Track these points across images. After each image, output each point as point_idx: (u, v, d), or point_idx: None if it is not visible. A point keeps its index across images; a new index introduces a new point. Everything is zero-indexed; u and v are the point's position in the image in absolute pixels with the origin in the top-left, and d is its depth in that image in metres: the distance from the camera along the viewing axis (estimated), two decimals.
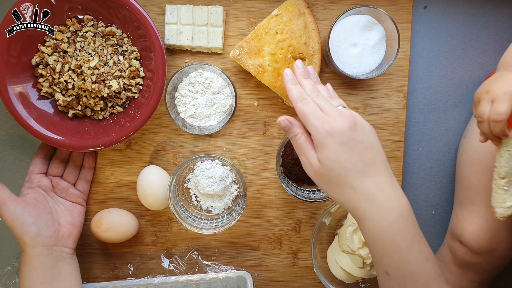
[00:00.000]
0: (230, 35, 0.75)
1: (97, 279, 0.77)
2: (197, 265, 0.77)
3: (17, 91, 0.67)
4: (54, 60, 0.68)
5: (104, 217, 0.72)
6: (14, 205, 0.65)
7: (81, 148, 0.68)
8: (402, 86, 0.76)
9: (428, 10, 0.78)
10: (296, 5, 0.71)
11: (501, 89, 0.55)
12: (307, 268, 0.78)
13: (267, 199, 0.77)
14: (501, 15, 0.78)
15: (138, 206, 0.76)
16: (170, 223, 0.77)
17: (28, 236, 0.64)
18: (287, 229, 0.78)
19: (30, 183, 0.71)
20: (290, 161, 0.72)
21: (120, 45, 0.71)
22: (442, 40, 0.79)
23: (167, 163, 0.76)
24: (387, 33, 0.71)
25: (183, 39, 0.73)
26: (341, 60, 0.71)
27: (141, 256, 0.77)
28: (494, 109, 0.55)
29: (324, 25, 0.75)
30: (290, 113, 0.76)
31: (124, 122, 0.71)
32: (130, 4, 0.66)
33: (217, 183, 0.71)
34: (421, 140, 0.80)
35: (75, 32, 0.70)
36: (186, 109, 0.72)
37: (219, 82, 0.72)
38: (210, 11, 0.72)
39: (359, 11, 0.70)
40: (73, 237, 0.70)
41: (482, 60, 0.79)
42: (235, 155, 0.77)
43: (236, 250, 0.78)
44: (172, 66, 0.75)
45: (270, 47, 0.70)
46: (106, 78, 0.68)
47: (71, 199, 0.73)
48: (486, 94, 0.57)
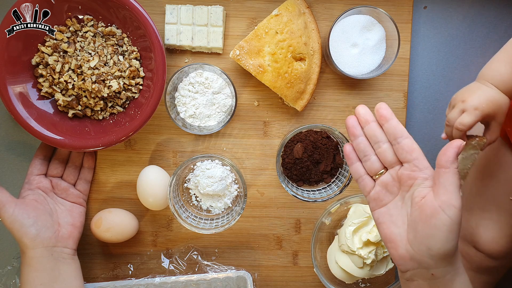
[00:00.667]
0: (230, 35, 0.75)
1: (97, 279, 0.77)
2: (197, 265, 0.77)
3: (17, 91, 0.67)
4: (54, 60, 0.68)
5: (104, 217, 0.72)
6: (12, 207, 0.65)
7: (81, 148, 0.68)
8: (402, 86, 0.76)
9: (428, 10, 0.78)
10: (296, 5, 0.71)
11: (473, 102, 0.60)
12: (307, 268, 0.78)
13: (267, 199, 0.77)
14: (501, 15, 0.78)
15: (138, 206, 0.76)
16: (170, 223, 0.77)
17: (27, 237, 0.64)
18: (287, 229, 0.78)
19: (29, 184, 0.71)
20: (290, 161, 0.72)
21: (120, 45, 0.71)
22: (442, 40, 0.79)
23: (167, 163, 0.76)
24: (387, 33, 0.71)
25: (183, 39, 0.73)
26: (341, 60, 0.71)
27: (141, 256, 0.77)
28: (461, 119, 0.60)
29: (324, 25, 0.75)
30: (290, 113, 0.76)
31: (124, 122, 0.71)
32: (130, 4, 0.66)
33: (217, 183, 0.71)
34: (421, 140, 0.80)
35: (75, 32, 0.70)
36: (186, 109, 0.72)
37: (219, 82, 0.72)
38: (210, 11, 0.72)
39: (359, 11, 0.70)
40: (73, 237, 0.70)
41: (482, 60, 0.79)
42: (235, 155, 0.77)
43: (236, 250, 0.78)
44: (172, 66, 0.75)
45: (270, 47, 0.70)
46: (106, 78, 0.68)
47: (71, 200, 0.73)
48: (461, 103, 0.61)
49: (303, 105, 0.73)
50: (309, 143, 0.71)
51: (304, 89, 0.72)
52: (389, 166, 0.54)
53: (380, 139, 0.54)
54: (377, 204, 0.55)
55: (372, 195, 0.55)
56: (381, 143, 0.54)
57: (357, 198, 0.74)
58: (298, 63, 0.71)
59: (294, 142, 0.72)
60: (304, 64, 0.71)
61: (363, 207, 0.73)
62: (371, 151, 0.55)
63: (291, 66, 0.71)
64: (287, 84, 0.71)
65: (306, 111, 0.76)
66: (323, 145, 0.72)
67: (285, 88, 0.71)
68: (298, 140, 0.72)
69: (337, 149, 0.73)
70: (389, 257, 0.73)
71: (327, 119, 0.77)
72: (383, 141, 0.54)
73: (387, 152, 0.54)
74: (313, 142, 0.71)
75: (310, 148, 0.71)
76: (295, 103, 0.73)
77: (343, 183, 0.70)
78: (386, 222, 0.53)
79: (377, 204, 0.55)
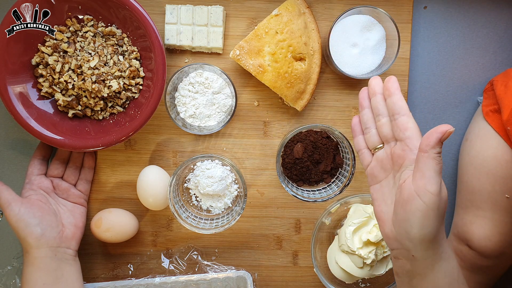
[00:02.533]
0: (230, 35, 0.75)
1: (97, 279, 0.77)
2: (197, 265, 0.77)
3: (17, 91, 0.67)
4: (54, 60, 0.68)
5: (104, 217, 0.72)
6: (19, 206, 0.65)
7: (81, 148, 0.68)
8: (402, 86, 0.76)
9: (428, 10, 0.78)
10: (296, 5, 0.71)
11: None
12: (307, 268, 0.78)
13: (267, 199, 0.77)
14: (501, 15, 0.78)
15: (138, 206, 0.76)
16: (170, 223, 0.77)
17: (32, 237, 0.64)
18: (287, 229, 0.78)
19: (30, 184, 0.71)
20: (290, 161, 0.72)
21: (120, 45, 0.71)
22: (442, 40, 0.79)
23: (167, 163, 0.76)
24: (387, 33, 0.71)
25: (183, 39, 0.73)
26: (341, 60, 0.71)
27: (141, 256, 0.77)
28: None
29: (324, 25, 0.75)
30: (290, 113, 0.76)
31: (124, 122, 0.71)
32: (130, 4, 0.66)
33: (217, 183, 0.71)
34: None
35: (75, 32, 0.70)
36: (186, 109, 0.72)
37: (219, 82, 0.72)
38: (210, 11, 0.72)
39: (359, 11, 0.70)
40: (76, 238, 0.70)
41: (482, 60, 0.79)
42: (235, 155, 0.77)
43: (236, 250, 0.78)
44: (172, 66, 0.75)
45: (270, 47, 0.70)
46: (106, 78, 0.68)
47: (73, 200, 0.73)
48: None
49: (303, 105, 0.73)
50: (309, 143, 0.71)
51: (304, 89, 0.72)
52: (385, 141, 0.54)
53: (381, 112, 0.54)
54: (372, 180, 0.55)
55: (369, 170, 0.55)
56: (381, 116, 0.54)
57: (357, 198, 0.74)
58: (298, 63, 0.71)
59: (294, 142, 0.72)
60: (304, 64, 0.71)
61: (363, 207, 0.73)
62: (372, 124, 0.56)
63: (291, 66, 0.71)
64: (287, 84, 0.71)
65: (306, 111, 0.76)
66: (323, 145, 0.72)
67: (285, 88, 0.71)
68: (298, 140, 0.72)
69: (337, 149, 0.73)
70: (389, 257, 0.73)
71: (327, 119, 0.77)
72: (383, 114, 0.54)
73: (384, 127, 0.54)
74: (313, 142, 0.71)
75: (310, 148, 0.71)
76: (295, 103, 0.73)
77: (343, 183, 0.70)
78: (378, 199, 0.54)
79: (372, 180, 0.55)
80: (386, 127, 0.54)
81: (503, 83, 0.72)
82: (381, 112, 0.54)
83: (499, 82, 0.73)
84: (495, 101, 0.72)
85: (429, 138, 0.47)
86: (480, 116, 0.74)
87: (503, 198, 0.69)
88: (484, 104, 0.74)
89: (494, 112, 0.72)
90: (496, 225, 0.69)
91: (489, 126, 0.71)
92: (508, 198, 0.68)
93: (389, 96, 0.52)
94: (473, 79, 0.79)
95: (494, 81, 0.75)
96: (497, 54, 0.79)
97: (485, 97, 0.76)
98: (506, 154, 0.69)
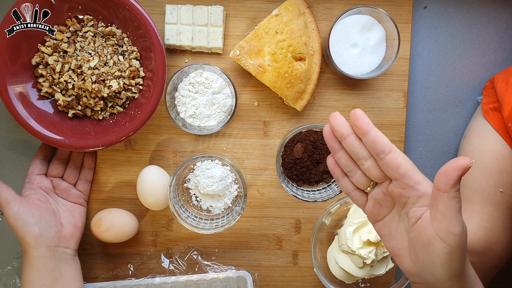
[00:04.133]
0: (230, 35, 0.75)
1: (97, 279, 0.77)
2: (197, 265, 0.77)
3: (17, 91, 0.67)
4: (54, 60, 0.68)
5: (104, 217, 0.72)
6: (17, 205, 0.65)
7: (81, 148, 0.68)
8: (402, 86, 0.76)
9: (428, 10, 0.78)
10: (296, 5, 0.71)
11: None
12: (307, 268, 0.78)
13: (267, 199, 0.77)
14: (501, 15, 0.78)
15: (138, 206, 0.76)
16: (170, 223, 0.77)
17: (30, 236, 0.64)
18: (287, 229, 0.78)
19: (30, 184, 0.71)
20: (290, 161, 0.72)
21: (120, 45, 0.71)
22: (442, 40, 0.79)
23: (167, 163, 0.76)
24: (387, 33, 0.71)
25: (183, 39, 0.73)
26: (341, 60, 0.71)
27: (141, 256, 0.77)
28: None
29: (324, 25, 0.75)
30: (290, 113, 0.76)
31: (124, 122, 0.71)
32: (130, 4, 0.66)
33: (217, 183, 0.71)
34: (421, 140, 0.80)
35: (75, 32, 0.70)
36: (186, 109, 0.72)
37: (219, 82, 0.72)
38: (210, 11, 0.72)
39: (359, 11, 0.70)
40: (75, 238, 0.70)
41: (482, 60, 0.79)
42: (235, 155, 0.77)
43: (236, 250, 0.78)
44: (172, 66, 0.75)
45: (270, 47, 0.70)
46: (106, 78, 0.68)
47: (72, 200, 0.73)
48: None
49: (303, 105, 0.73)
50: (309, 143, 0.71)
51: (304, 89, 0.72)
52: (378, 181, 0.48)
53: (361, 156, 0.47)
54: (374, 218, 0.51)
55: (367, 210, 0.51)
56: (363, 160, 0.47)
57: None
58: (298, 63, 0.71)
59: (294, 142, 0.72)
60: (304, 64, 0.71)
61: None
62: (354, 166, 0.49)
63: (291, 66, 0.71)
64: (287, 84, 0.71)
65: (306, 111, 0.76)
66: (323, 145, 0.72)
67: (285, 88, 0.71)
68: (298, 140, 0.72)
69: None
70: (389, 257, 0.73)
71: (327, 119, 0.77)
72: (365, 157, 0.47)
73: (371, 170, 0.47)
74: (313, 142, 0.71)
75: (310, 148, 0.71)
76: (295, 103, 0.73)
77: None
78: (387, 235, 0.50)
79: (374, 218, 0.51)
80: (374, 170, 0.47)
81: (504, 81, 0.72)
82: (362, 156, 0.47)
83: (499, 79, 0.73)
84: (495, 99, 0.72)
85: (447, 175, 0.42)
86: (480, 114, 0.74)
87: (495, 192, 0.68)
88: (484, 102, 0.74)
89: (493, 110, 0.72)
90: (484, 219, 0.69)
91: (488, 124, 0.71)
92: (502, 192, 0.68)
93: (365, 135, 0.45)
94: (473, 79, 0.79)
95: (495, 78, 0.74)
96: (497, 54, 0.79)
97: (484, 94, 0.76)
98: (503, 149, 0.69)
